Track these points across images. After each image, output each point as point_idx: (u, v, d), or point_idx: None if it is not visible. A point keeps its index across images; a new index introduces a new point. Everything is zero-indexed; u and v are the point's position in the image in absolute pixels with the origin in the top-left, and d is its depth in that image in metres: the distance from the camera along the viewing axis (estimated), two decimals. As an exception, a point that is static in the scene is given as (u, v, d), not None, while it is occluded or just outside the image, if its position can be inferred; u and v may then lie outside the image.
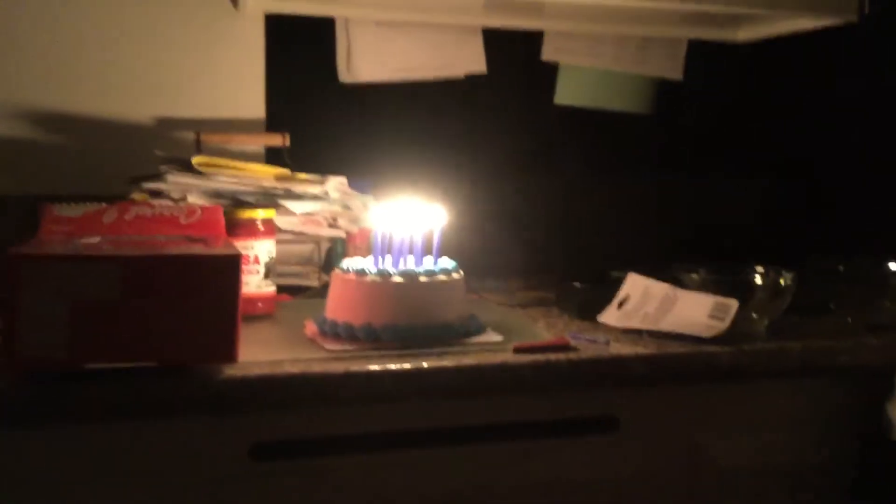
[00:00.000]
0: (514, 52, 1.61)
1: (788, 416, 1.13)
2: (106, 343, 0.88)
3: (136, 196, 1.24)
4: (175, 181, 1.25)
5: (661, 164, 1.68)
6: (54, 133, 1.42)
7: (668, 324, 1.12)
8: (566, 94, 1.65)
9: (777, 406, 1.13)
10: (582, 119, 1.64)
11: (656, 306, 1.15)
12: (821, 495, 1.11)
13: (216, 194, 1.26)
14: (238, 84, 1.49)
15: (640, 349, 1.06)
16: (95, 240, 0.99)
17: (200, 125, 1.44)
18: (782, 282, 1.18)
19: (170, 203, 1.21)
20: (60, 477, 0.91)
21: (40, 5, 1.40)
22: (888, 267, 1.09)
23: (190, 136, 1.40)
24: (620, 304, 1.18)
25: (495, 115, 1.62)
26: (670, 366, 1.06)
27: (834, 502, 1.12)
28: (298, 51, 1.53)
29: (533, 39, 1.62)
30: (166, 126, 1.46)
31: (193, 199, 1.24)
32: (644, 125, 1.67)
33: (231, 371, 0.93)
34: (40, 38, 1.41)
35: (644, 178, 1.66)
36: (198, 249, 0.97)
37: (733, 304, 1.10)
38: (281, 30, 1.50)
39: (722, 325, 1.09)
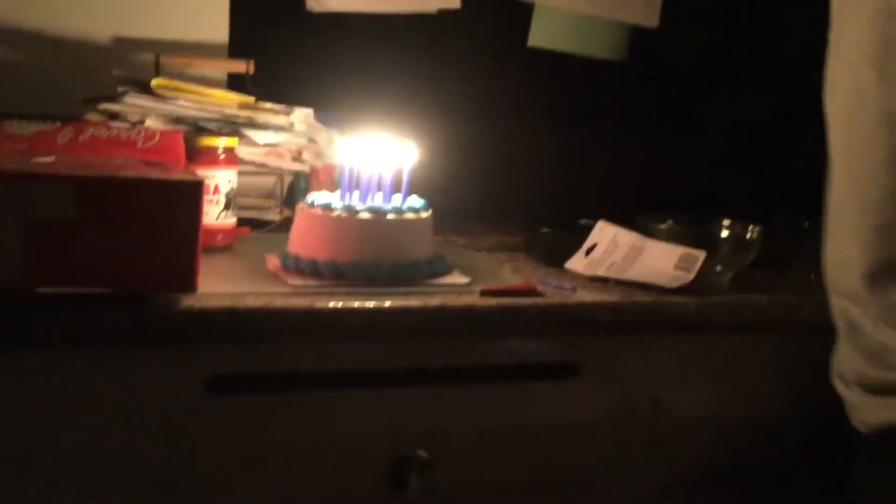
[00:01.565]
0: (489, -10, 1.57)
1: (748, 368, 1.14)
2: (60, 267, 0.84)
3: (92, 117, 1.19)
4: (133, 103, 1.20)
5: (634, 112, 1.67)
6: (8, 48, 1.35)
7: (634, 273, 1.12)
8: (540, 36, 1.61)
9: (738, 358, 1.14)
10: (555, 62, 1.61)
11: (623, 255, 1.15)
12: (776, 447, 1.13)
13: (176, 119, 1.21)
14: (201, 5, 1.42)
15: (605, 297, 1.06)
16: (50, 159, 0.95)
17: (160, 47, 1.37)
18: (748, 236, 1.19)
19: (127, 126, 1.16)
20: (10, 403, 0.88)
21: None
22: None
23: (149, 57, 1.34)
24: (588, 252, 1.17)
25: (467, 53, 1.58)
26: (634, 314, 1.06)
27: (788, 454, 1.14)
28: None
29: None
30: (124, 46, 1.39)
31: (152, 123, 1.19)
32: (617, 73, 1.65)
33: (190, 301, 0.90)
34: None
35: (616, 126, 1.65)
36: (157, 174, 0.94)
37: (700, 255, 1.10)
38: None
39: (688, 276, 1.09)
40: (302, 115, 1.29)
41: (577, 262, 1.17)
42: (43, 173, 0.86)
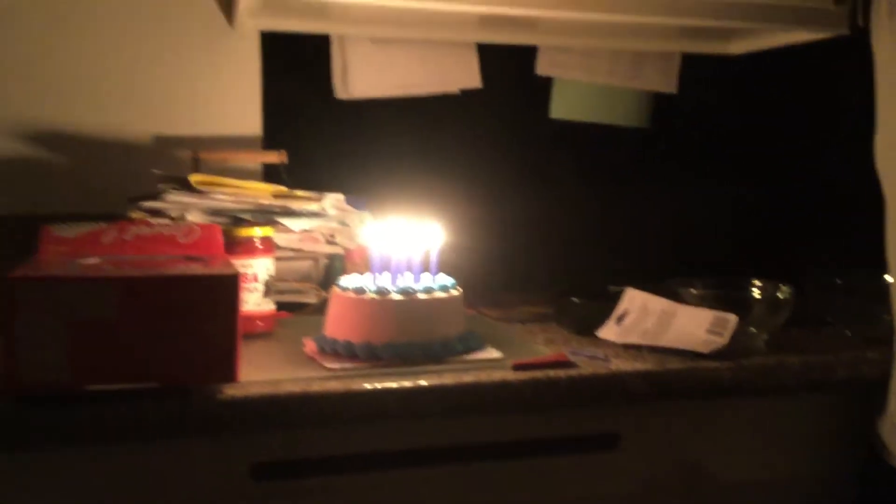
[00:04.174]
0: (509, 67, 1.62)
1: (788, 430, 1.13)
2: (106, 364, 0.88)
3: (135, 215, 1.24)
4: (173, 200, 1.25)
5: (657, 176, 1.69)
6: (53, 151, 1.42)
7: (667, 339, 1.12)
8: (561, 108, 1.65)
9: (777, 421, 1.13)
10: (577, 132, 1.65)
11: (655, 321, 1.15)
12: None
13: (214, 212, 1.26)
14: (235, 101, 1.49)
15: (639, 365, 1.06)
16: (95, 260, 0.99)
17: (198, 143, 1.44)
18: (780, 295, 1.19)
19: (168, 222, 1.21)
20: (62, 500, 0.90)
21: (39, 23, 1.40)
22: (885, 279, 1.09)
23: (188, 154, 1.40)
24: (619, 320, 1.18)
25: (491, 130, 1.62)
26: (670, 381, 1.06)
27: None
28: (294, 68, 1.53)
29: (527, 54, 1.62)
30: (164, 144, 1.46)
31: (192, 218, 1.24)
32: (640, 138, 1.68)
33: (231, 391, 0.93)
34: (37, 55, 1.41)
35: (641, 191, 1.66)
36: (197, 269, 0.97)
37: (732, 318, 1.11)
38: (277, 47, 1.50)
39: (721, 340, 1.09)
40: (333, 200, 1.34)
41: (608, 331, 1.18)
42: (86, 276, 0.90)
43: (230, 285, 0.92)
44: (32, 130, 1.41)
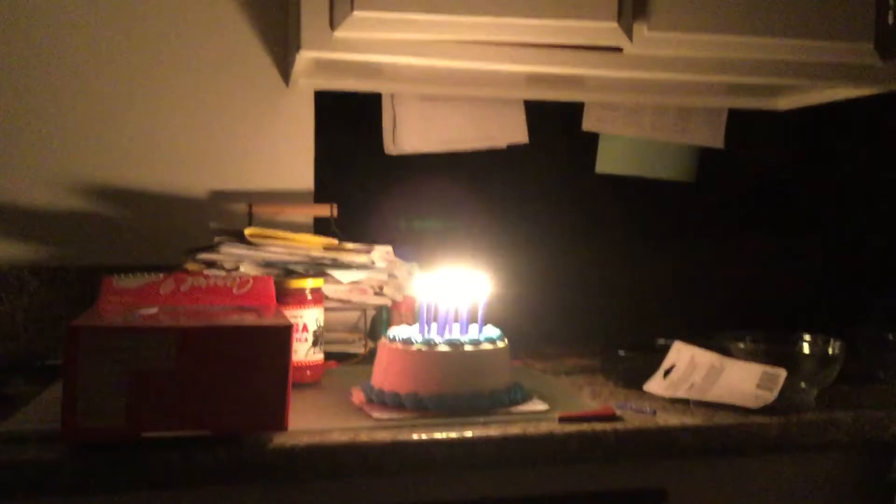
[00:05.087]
0: (556, 123, 1.64)
1: (838, 487, 1.11)
2: (162, 412, 0.90)
3: (191, 266, 1.28)
4: (228, 252, 1.29)
5: (705, 230, 1.68)
6: (114, 206, 1.48)
7: (715, 394, 1.11)
8: (607, 162, 1.67)
9: (827, 477, 1.11)
10: (624, 186, 1.66)
11: (703, 375, 1.15)
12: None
13: (267, 264, 1.29)
14: (289, 157, 1.54)
15: (687, 419, 1.06)
16: (153, 310, 1.03)
17: (252, 197, 1.49)
18: (830, 350, 1.18)
19: (223, 273, 1.25)
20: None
21: (105, 86, 1.47)
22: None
23: (242, 207, 1.45)
24: (666, 373, 1.18)
25: (538, 183, 1.64)
26: (718, 437, 1.05)
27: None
28: (345, 123, 1.57)
29: (574, 110, 1.65)
30: (220, 198, 1.51)
31: (245, 269, 1.28)
32: (686, 191, 1.68)
33: (281, 439, 0.95)
34: (104, 115, 1.47)
35: (688, 244, 1.66)
36: (250, 320, 1.00)
37: (781, 373, 1.09)
38: (329, 104, 1.55)
39: (770, 396, 1.08)
40: (382, 252, 1.36)
41: (656, 385, 1.17)
42: (146, 326, 0.93)
43: (283, 336, 0.94)
44: (95, 186, 1.47)
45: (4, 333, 1.41)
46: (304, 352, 1.20)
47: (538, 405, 1.09)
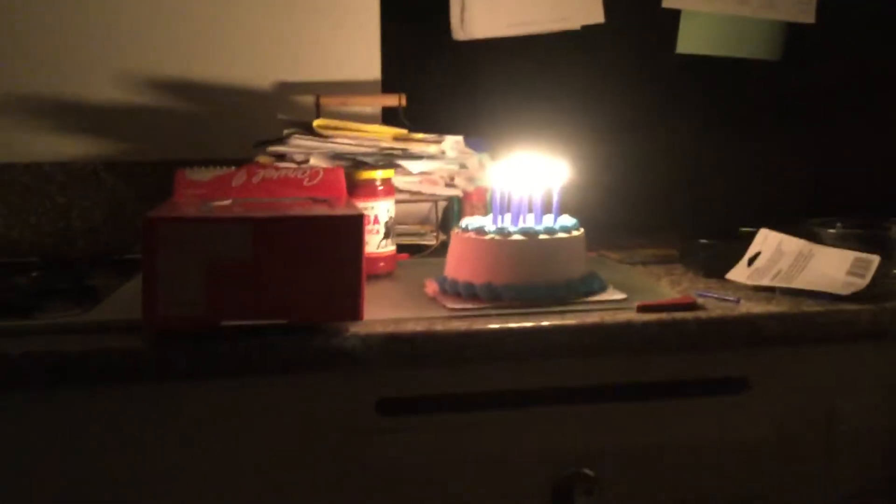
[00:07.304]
0: (633, 0, 1.56)
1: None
2: (239, 301, 0.91)
3: (262, 159, 1.27)
4: (298, 144, 1.27)
5: (791, 113, 1.60)
6: (181, 99, 1.47)
7: (802, 281, 1.07)
8: (689, 42, 1.58)
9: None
10: (705, 67, 1.58)
11: (790, 263, 1.10)
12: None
13: (336, 156, 1.28)
14: (355, 46, 1.50)
15: (772, 307, 1.02)
16: (227, 202, 1.03)
17: (319, 88, 1.46)
18: (927, 236, 1.12)
19: (293, 165, 1.24)
20: (196, 429, 0.95)
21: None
22: None
23: (310, 99, 1.43)
24: (751, 261, 1.14)
25: (614, 66, 1.57)
26: (805, 324, 1.02)
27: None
28: (412, 11, 1.52)
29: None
30: (287, 90, 1.49)
31: (315, 161, 1.27)
32: (773, 72, 1.59)
33: (356, 329, 0.95)
34: (163, 6, 1.45)
35: (773, 128, 1.58)
36: (322, 210, 1.00)
37: (874, 259, 1.05)
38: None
39: (862, 282, 1.04)
40: (452, 143, 1.33)
41: (739, 273, 1.13)
42: (222, 217, 0.93)
43: (355, 225, 0.93)
44: (164, 80, 1.46)
45: (85, 229, 1.44)
46: (375, 243, 1.20)
47: (615, 294, 1.06)
